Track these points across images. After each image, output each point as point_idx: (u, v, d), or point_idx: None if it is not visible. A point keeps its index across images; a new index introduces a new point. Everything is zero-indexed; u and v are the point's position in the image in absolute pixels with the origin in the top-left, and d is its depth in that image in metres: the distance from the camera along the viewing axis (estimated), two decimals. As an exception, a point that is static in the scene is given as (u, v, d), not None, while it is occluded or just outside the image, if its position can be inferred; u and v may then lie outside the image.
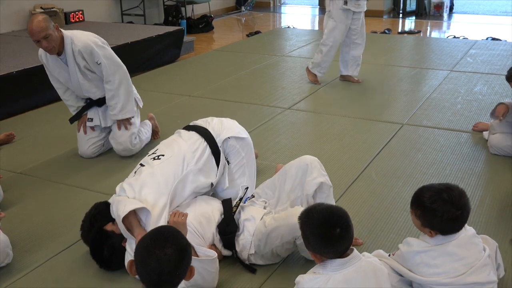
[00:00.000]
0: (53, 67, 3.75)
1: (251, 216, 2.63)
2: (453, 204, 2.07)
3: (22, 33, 6.68)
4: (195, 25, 8.98)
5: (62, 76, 3.77)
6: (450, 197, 2.08)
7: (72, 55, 3.63)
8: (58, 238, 2.96)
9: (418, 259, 2.14)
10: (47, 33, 3.47)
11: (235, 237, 2.61)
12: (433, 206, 2.08)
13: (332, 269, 1.94)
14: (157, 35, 6.70)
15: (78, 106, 3.94)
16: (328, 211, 1.99)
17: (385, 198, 3.30)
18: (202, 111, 4.68)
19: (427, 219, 2.11)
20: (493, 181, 3.48)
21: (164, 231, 1.87)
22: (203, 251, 2.39)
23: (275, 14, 11.27)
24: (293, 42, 7.91)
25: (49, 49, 3.56)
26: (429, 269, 2.12)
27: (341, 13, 5.25)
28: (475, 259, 2.11)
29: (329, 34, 5.38)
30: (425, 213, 2.11)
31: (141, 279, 1.77)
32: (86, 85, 3.77)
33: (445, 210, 2.06)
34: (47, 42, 3.50)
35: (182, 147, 2.79)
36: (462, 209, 2.08)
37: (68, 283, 2.60)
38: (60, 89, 3.91)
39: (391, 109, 4.87)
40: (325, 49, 5.44)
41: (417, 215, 2.15)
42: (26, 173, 3.76)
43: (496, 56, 6.58)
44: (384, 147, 4.02)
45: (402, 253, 2.20)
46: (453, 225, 2.11)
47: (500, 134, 3.79)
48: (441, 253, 2.12)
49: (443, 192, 2.09)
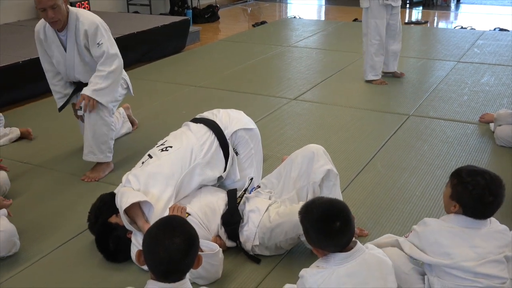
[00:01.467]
0: (49, 44, 3.53)
1: (256, 208, 2.63)
2: (489, 187, 2.06)
3: (28, 23, 6.69)
4: (201, 15, 8.95)
5: (55, 55, 3.54)
6: (488, 181, 2.06)
7: (74, 32, 3.43)
8: (64, 227, 2.97)
9: (432, 238, 2.12)
10: (56, 3, 3.25)
11: (239, 228, 2.62)
12: (468, 179, 2.08)
13: (335, 263, 1.93)
14: (163, 25, 6.69)
15: (65, 93, 3.72)
16: (328, 204, 1.99)
17: (390, 189, 3.29)
18: (207, 102, 4.68)
19: (458, 189, 2.10)
20: (500, 172, 3.39)
21: (172, 220, 1.88)
22: (205, 244, 2.40)
23: (281, 4, 11.22)
24: (299, 32, 7.88)
25: (53, 21, 3.33)
26: (441, 248, 2.09)
27: (383, 9, 5.07)
28: (489, 252, 2.07)
29: (373, 32, 5.14)
30: (459, 184, 2.10)
31: (150, 268, 1.78)
32: (80, 67, 3.54)
33: (477, 188, 2.05)
34: (53, 12, 3.27)
35: (191, 140, 2.78)
36: (494, 197, 2.06)
37: (75, 273, 2.61)
38: (50, 72, 3.67)
39: (397, 100, 4.86)
40: (373, 49, 5.19)
41: (451, 183, 2.14)
42: (32, 163, 3.77)
43: (504, 47, 6.53)
44: (390, 138, 4.01)
45: (418, 233, 2.18)
46: (479, 208, 2.08)
47: (506, 126, 3.77)
48: (455, 235, 2.09)
49: (485, 174, 2.09)
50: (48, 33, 3.51)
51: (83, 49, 3.48)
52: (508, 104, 4.63)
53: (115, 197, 2.57)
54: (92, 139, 3.46)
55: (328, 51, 6.75)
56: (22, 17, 7.01)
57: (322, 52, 6.74)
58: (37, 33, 3.55)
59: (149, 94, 5.11)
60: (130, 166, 3.67)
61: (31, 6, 7.04)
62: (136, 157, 3.81)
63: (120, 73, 3.55)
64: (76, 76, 3.61)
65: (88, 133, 3.47)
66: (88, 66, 3.55)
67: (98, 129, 3.46)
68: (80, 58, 3.52)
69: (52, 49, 3.55)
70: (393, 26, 5.22)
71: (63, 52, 3.52)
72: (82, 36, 3.43)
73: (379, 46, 5.19)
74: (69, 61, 3.54)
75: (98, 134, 3.46)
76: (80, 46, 3.47)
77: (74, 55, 3.50)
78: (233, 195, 2.71)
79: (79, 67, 3.55)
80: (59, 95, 3.74)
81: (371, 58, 5.26)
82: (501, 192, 2.09)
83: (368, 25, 5.17)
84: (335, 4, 10.83)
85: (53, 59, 3.59)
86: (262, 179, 2.94)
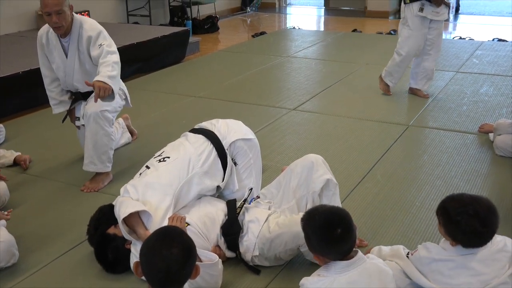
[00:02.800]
0: (51, 50, 3.55)
1: (255, 218, 2.62)
2: (479, 219, 2.00)
3: (28, 34, 6.71)
4: (201, 26, 8.98)
5: (56, 61, 3.56)
6: (476, 212, 2.00)
7: (77, 39, 3.45)
8: (63, 238, 2.96)
9: (434, 266, 2.11)
10: (62, 8, 3.28)
11: (239, 239, 2.61)
12: (457, 218, 2.02)
13: (336, 272, 1.94)
14: (163, 35, 6.71)
15: (61, 100, 3.73)
16: (330, 212, 2.00)
17: (390, 199, 3.29)
18: (207, 112, 4.69)
19: (449, 229, 2.06)
20: (499, 182, 3.46)
21: (170, 231, 1.88)
22: (205, 254, 2.39)
23: (281, 14, 11.27)
24: (298, 43, 7.90)
25: (57, 26, 3.35)
26: (443, 278, 2.08)
27: (417, 20, 4.77)
28: (494, 277, 2.05)
29: (403, 43, 4.93)
30: (448, 223, 2.06)
31: (148, 279, 1.77)
32: (79, 74, 3.53)
33: (468, 225, 2.00)
34: (58, 17, 3.29)
35: (188, 150, 2.79)
36: (488, 227, 2.02)
37: (74, 283, 2.60)
38: (48, 78, 3.69)
39: (396, 110, 4.86)
40: (398, 58, 5.00)
41: (440, 223, 2.11)
42: (31, 173, 3.76)
43: (503, 57, 6.55)
44: (389, 149, 4.01)
45: (420, 257, 2.17)
46: (475, 240, 2.06)
47: (505, 136, 3.77)
48: (458, 265, 2.07)
49: (469, 205, 2.02)
50: (51, 38, 3.52)
51: (84, 56, 3.49)
52: (507, 114, 4.64)
53: (114, 208, 2.57)
54: (93, 149, 3.46)
55: (328, 62, 6.77)
56: (22, 28, 7.03)
57: (321, 62, 6.76)
58: (40, 38, 3.58)
59: (149, 104, 5.11)
60: (130, 176, 3.66)
61: (32, 16, 7.07)
62: (135, 167, 3.81)
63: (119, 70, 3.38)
64: (75, 83, 3.61)
65: (88, 143, 3.46)
66: (87, 74, 3.53)
67: (99, 139, 3.45)
68: (80, 64, 3.52)
69: (53, 55, 3.56)
70: (429, 41, 4.90)
71: (64, 58, 3.53)
72: (85, 42, 3.43)
73: (404, 59, 4.98)
74: (69, 68, 3.54)
75: (99, 144, 3.46)
76: (81, 53, 3.49)
77: (75, 62, 3.51)
78: (232, 205, 2.71)
79: (79, 74, 3.55)
80: (55, 101, 3.75)
81: (392, 65, 5.10)
82: (492, 219, 2.04)
83: (400, 34, 4.99)
84: (335, 15, 10.87)
85: (53, 64, 3.60)
86: (262, 189, 2.93)
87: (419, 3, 4.71)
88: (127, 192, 2.60)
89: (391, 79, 5.18)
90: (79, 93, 3.66)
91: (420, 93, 5.12)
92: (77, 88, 3.64)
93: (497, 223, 2.05)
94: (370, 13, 10.33)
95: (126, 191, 2.60)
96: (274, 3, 11.88)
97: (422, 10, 4.71)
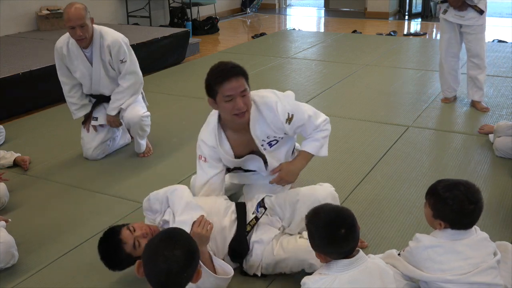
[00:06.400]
0: (72, 60, 3.71)
1: (260, 239, 2.55)
2: (467, 197, 2.08)
3: (28, 35, 6.71)
4: (201, 27, 8.99)
5: (80, 70, 3.73)
6: (465, 190, 2.09)
7: (99, 49, 3.64)
8: (63, 239, 2.96)
9: (425, 254, 2.14)
10: (84, 22, 3.48)
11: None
12: (446, 194, 2.10)
13: (337, 270, 1.95)
14: (163, 36, 6.72)
15: (82, 104, 3.91)
16: (335, 211, 2.02)
17: (390, 200, 3.29)
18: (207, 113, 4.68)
19: (438, 207, 2.13)
20: (499, 184, 3.46)
21: (174, 233, 1.88)
22: (220, 263, 2.37)
23: (281, 16, 11.28)
24: (298, 44, 7.91)
25: (81, 39, 3.55)
26: (434, 264, 2.11)
27: (443, 23, 4.69)
28: (482, 260, 2.10)
29: (439, 46, 4.85)
30: (438, 202, 2.13)
31: (149, 280, 1.77)
32: (105, 81, 3.78)
33: (456, 200, 2.08)
34: (81, 30, 3.49)
35: None
36: (475, 204, 2.09)
37: (74, 284, 2.60)
38: (67, 85, 3.85)
39: (396, 111, 4.86)
40: (440, 63, 4.90)
41: (430, 204, 2.16)
42: (31, 174, 3.76)
43: (502, 58, 6.55)
44: (389, 150, 4.01)
45: (411, 249, 2.20)
46: (463, 218, 2.11)
47: (505, 138, 3.77)
48: (448, 249, 2.11)
49: (459, 184, 2.12)
50: (72, 49, 3.69)
51: (107, 65, 3.71)
52: (507, 115, 4.64)
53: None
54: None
55: (328, 63, 6.78)
56: (22, 29, 7.03)
57: (321, 63, 6.76)
58: (60, 49, 3.72)
59: (149, 105, 5.10)
60: (130, 178, 3.69)
61: (32, 18, 7.08)
62: (135, 167, 3.82)
63: (138, 86, 3.86)
64: (101, 89, 3.83)
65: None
66: (113, 79, 3.80)
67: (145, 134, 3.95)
68: (106, 72, 3.75)
69: (75, 64, 3.73)
70: (466, 46, 4.70)
71: (89, 67, 3.72)
72: (107, 53, 3.66)
73: (440, 62, 4.87)
74: (95, 76, 3.75)
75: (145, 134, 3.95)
76: (105, 62, 3.71)
77: (100, 70, 3.72)
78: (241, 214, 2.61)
79: (105, 81, 3.78)
80: (76, 106, 3.91)
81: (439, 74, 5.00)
82: (479, 197, 2.13)
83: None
84: (335, 16, 10.88)
85: (76, 73, 3.77)
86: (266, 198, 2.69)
87: (445, 5, 4.63)
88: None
89: (442, 88, 5.01)
90: (103, 97, 3.88)
91: (476, 105, 4.79)
92: (103, 92, 3.86)
93: (482, 202, 2.13)
94: (370, 14, 10.34)
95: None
96: (274, 4, 11.89)
97: (445, 12, 4.61)
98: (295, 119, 2.65)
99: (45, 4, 7.22)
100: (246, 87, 2.55)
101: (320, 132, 2.76)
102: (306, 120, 2.70)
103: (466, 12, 4.51)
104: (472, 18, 4.52)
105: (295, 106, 2.69)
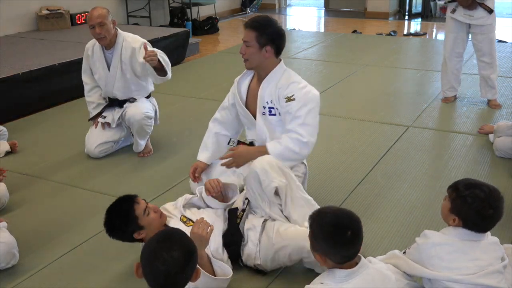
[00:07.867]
0: (94, 61, 3.91)
1: (252, 225, 2.59)
2: (488, 200, 2.05)
3: (28, 35, 6.71)
4: (201, 27, 8.98)
5: (99, 72, 3.91)
6: (487, 194, 2.06)
7: (120, 50, 3.81)
8: (63, 239, 2.96)
9: (433, 251, 2.11)
10: (103, 21, 3.69)
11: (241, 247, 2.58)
12: (467, 192, 2.08)
13: (340, 280, 1.90)
14: (163, 36, 6.71)
15: (98, 102, 4.06)
16: (342, 213, 1.96)
17: (390, 200, 3.29)
18: (207, 113, 4.68)
19: (457, 203, 2.10)
20: (499, 184, 3.44)
21: (171, 234, 1.88)
22: (219, 265, 2.37)
23: (280, 15, 11.27)
24: (298, 44, 7.90)
25: (100, 37, 3.72)
26: (442, 262, 2.08)
27: (451, 22, 4.69)
28: (489, 263, 2.08)
29: (444, 45, 4.85)
30: (458, 197, 2.10)
31: (148, 281, 1.77)
32: (120, 83, 3.89)
33: (476, 200, 2.05)
34: (100, 29, 3.68)
35: None
36: (494, 210, 2.06)
37: (73, 285, 2.60)
38: (88, 85, 4.05)
39: (396, 111, 4.86)
40: (443, 61, 4.92)
41: (450, 197, 2.14)
42: (31, 174, 3.76)
43: (503, 58, 6.56)
44: (389, 149, 4.01)
45: (418, 245, 2.17)
46: (479, 221, 2.08)
47: (505, 138, 3.77)
48: (456, 249, 2.09)
49: (483, 186, 2.09)
50: (96, 51, 3.91)
51: (126, 66, 3.86)
52: (507, 115, 4.64)
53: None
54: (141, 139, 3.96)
55: (327, 63, 6.78)
56: (22, 29, 7.02)
57: (321, 63, 6.76)
58: (87, 50, 3.97)
59: (149, 106, 5.11)
60: (130, 178, 3.69)
61: (32, 18, 7.07)
62: (135, 168, 3.83)
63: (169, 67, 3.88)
64: (114, 92, 3.95)
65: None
66: (127, 83, 3.91)
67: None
68: (122, 74, 3.88)
69: (96, 66, 3.93)
70: (476, 46, 4.74)
71: (106, 70, 3.89)
72: (129, 54, 3.80)
73: (444, 61, 4.89)
74: (110, 78, 3.90)
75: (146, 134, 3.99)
76: (124, 63, 3.85)
77: (116, 72, 3.87)
78: (233, 214, 2.65)
79: (119, 83, 3.91)
80: (93, 105, 4.07)
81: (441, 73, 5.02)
82: (500, 205, 2.09)
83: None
84: (335, 16, 10.88)
85: (95, 75, 3.98)
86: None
87: (453, 4, 4.62)
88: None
89: (443, 87, 5.00)
90: (117, 100, 3.98)
91: (490, 102, 4.87)
92: (115, 95, 3.97)
93: (502, 210, 2.10)
94: (370, 14, 10.34)
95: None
96: (274, 4, 11.89)
97: (454, 11, 4.59)
98: (293, 105, 2.81)
99: (45, 4, 7.21)
100: (250, 40, 2.89)
101: (291, 141, 2.81)
102: (297, 117, 2.81)
103: (475, 11, 4.49)
104: (482, 17, 4.52)
105: (304, 101, 2.83)
